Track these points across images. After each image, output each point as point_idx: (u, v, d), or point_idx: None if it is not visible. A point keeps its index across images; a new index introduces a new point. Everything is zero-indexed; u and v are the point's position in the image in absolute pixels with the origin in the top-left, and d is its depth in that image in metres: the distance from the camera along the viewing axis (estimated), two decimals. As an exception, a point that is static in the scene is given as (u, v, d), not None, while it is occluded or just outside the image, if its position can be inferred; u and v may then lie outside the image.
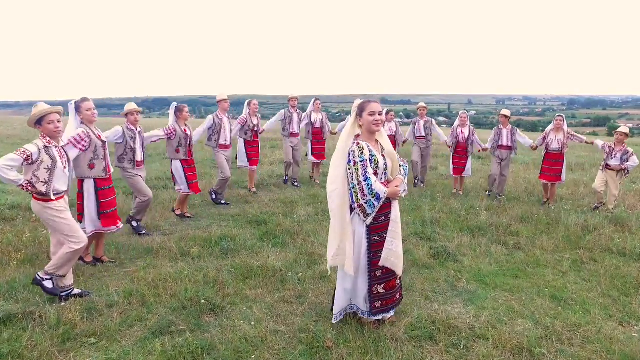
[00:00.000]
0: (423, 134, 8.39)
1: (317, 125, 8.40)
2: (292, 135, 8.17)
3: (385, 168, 3.04)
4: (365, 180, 2.90)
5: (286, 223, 5.67)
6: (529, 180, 8.86)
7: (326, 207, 6.43)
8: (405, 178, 3.13)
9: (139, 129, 5.22)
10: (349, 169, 2.96)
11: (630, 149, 6.45)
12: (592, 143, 7.10)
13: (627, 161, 6.36)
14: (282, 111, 8.26)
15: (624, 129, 6.59)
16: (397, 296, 3.23)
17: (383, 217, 3.04)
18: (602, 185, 6.56)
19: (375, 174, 2.99)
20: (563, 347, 3.01)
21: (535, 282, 4.13)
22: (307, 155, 8.70)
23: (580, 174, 9.68)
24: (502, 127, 7.50)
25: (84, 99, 4.19)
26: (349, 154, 2.96)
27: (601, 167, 6.66)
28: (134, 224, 5.34)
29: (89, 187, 4.24)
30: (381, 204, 2.95)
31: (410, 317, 3.32)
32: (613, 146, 6.53)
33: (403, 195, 3.13)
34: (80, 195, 4.28)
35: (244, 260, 4.44)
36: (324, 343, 2.97)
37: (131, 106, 5.16)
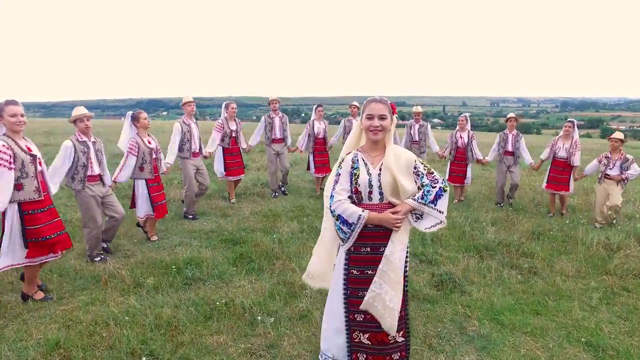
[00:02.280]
0: (417, 139, 7.69)
1: (321, 135, 7.44)
2: (275, 141, 7.29)
3: (379, 186, 2.29)
4: (330, 198, 2.32)
5: (265, 243, 4.90)
6: (535, 188, 8.16)
7: (312, 223, 5.71)
8: (426, 205, 2.25)
9: (93, 139, 4.33)
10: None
11: (630, 156, 5.75)
12: (583, 176, 6.38)
13: (628, 169, 5.65)
14: (263, 118, 7.39)
15: (618, 134, 5.87)
16: (395, 357, 2.45)
17: (368, 249, 2.31)
18: (605, 199, 5.80)
19: (357, 192, 2.29)
20: None
21: (561, 322, 3.39)
22: (308, 168, 7.80)
23: (589, 181, 8.99)
24: (507, 131, 6.83)
25: (8, 102, 3.33)
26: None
27: (599, 179, 5.93)
28: (97, 259, 4.43)
29: (13, 211, 3.37)
30: (356, 230, 2.24)
31: (411, 379, 2.58)
32: (609, 155, 5.84)
33: (423, 229, 2.30)
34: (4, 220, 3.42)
35: (208, 294, 3.67)
36: None
37: (80, 111, 4.24)
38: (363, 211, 2.23)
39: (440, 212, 2.28)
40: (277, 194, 7.50)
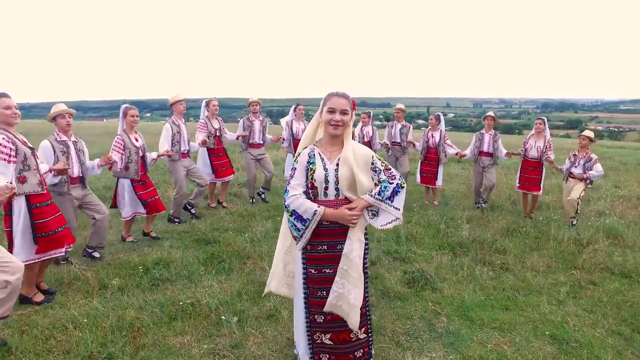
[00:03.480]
0: (398, 140, 7.34)
1: (300, 136, 6.96)
2: (253, 146, 6.74)
3: (335, 182, 2.25)
4: (285, 192, 2.26)
5: (237, 242, 4.81)
6: (512, 186, 8.23)
7: (287, 222, 5.65)
8: (383, 202, 2.23)
9: (73, 139, 4.12)
10: None
11: (594, 156, 5.74)
12: (559, 169, 6.21)
13: (590, 170, 5.65)
14: (241, 121, 6.85)
15: (588, 132, 5.90)
16: (358, 354, 2.41)
17: (325, 247, 2.26)
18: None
19: (313, 187, 2.23)
20: (575, 419, 2.28)
21: (529, 316, 3.40)
22: (284, 172, 7.45)
23: (561, 178, 9.15)
24: (484, 131, 6.71)
25: (0, 95, 3.19)
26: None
27: (564, 178, 5.99)
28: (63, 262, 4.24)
29: (20, 205, 3.28)
30: (311, 227, 2.19)
31: (375, 376, 2.54)
32: (577, 153, 5.89)
33: (379, 226, 2.26)
34: (8, 217, 3.31)
35: (174, 294, 3.57)
36: None
37: (60, 107, 4.00)
38: (319, 207, 2.18)
39: (396, 208, 2.25)
40: (254, 200, 7.05)
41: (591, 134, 5.89)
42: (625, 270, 4.24)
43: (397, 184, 2.27)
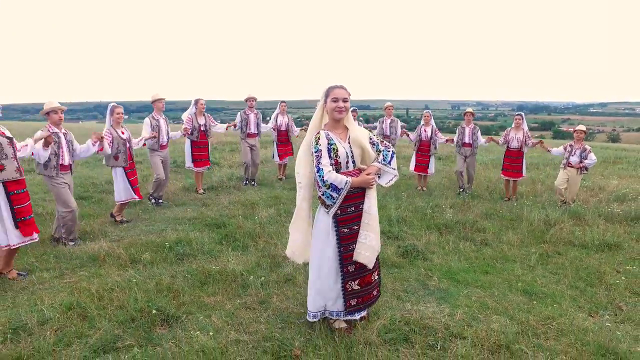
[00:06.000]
0: (388, 133, 8.31)
1: (283, 127, 8.42)
2: (249, 136, 7.93)
3: (352, 156, 2.83)
4: (317, 172, 2.76)
5: (247, 225, 5.33)
6: (490, 178, 9.01)
7: (288, 208, 6.19)
8: (387, 165, 2.87)
9: (63, 131, 4.67)
10: (313, 161, 2.81)
11: (588, 147, 6.61)
12: (549, 151, 7.07)
13: (586, 159, 6.54)
14: (239, 114, 8.00)
15: (581, 127, 6.80)
16: (375, 293, 3.03)
17: (353, 208, 2.83)
18: (564, 182, 6.67)
19: (337, 163, 2.79)
20: (539, 342, 2.91)
21: (505, 278, 4.05)
22: (272, 157, 8.56)
23: (536, 172, 9.97)
24: (465, 125, 7.63)
25: None
26: (312, 146, 2.82)
27: (562, 165, 6.82)
28: (72, 243, 4.70)
29: None
30: (343, 194, 2.74)
31: (382, 319, 3.12)
32: (573, 144, 6.72)
33: (385, 184, 2.91)
34: None
35: (201, 265, 4.07)
36: (292, 352, 2.69)
37: (54, 104, 4.56)
38: (348, 177, 2.75)
39: (394, 169, 2.91)
40: (247, 182, 8.15)
41: (584, 128, 6.78)
42: (584, 243, 4.95)
43: (392, 151, 2.95)
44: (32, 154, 4.24)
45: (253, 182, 8.18)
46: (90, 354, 2.70)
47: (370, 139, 2.93)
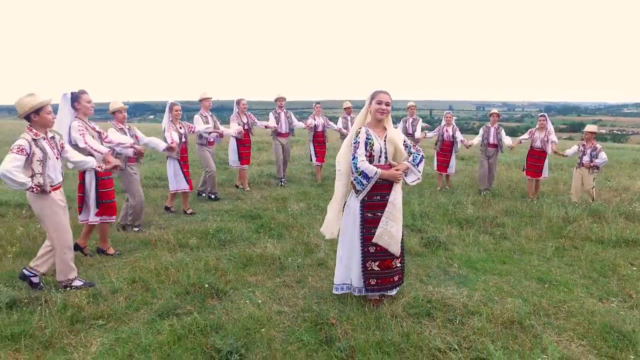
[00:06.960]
0: (411, 131, 8.65)
1: (319, 129, 8.56)
2: (280, 135, 8.23)
3: (385, 153, 3.23)
4: (352, 159, 3.19)
5: (280, 217, 5.79)
6: (512, 178, 9.20)
7: (318, 203, 6.62)
8: (415, 166, 3.28)
9: (127, 127, 5.04)
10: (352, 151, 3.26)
11: (599, 146, 6.78)
12: (564, 155, 7.15)
13: (596, 158, 6.68)
14: (270, 113, 8.31)
15: (590, 127, 6.97)
16: (396, 278, 3.40)
17: (378, 197, 3.23)
18: (579, 186, 6.85)
19: (371, 156, 3.20)
20: (550, 320, 3.22)
21: (521, 267, 4.35)
22: (310, 159, 8.89)
23: (560, 172, 10.09)
24: (490, 125, 7.83)
25: (83, 91, 4.18)
26: (352, 138, 3.28)
27: (577, 164, 7.00)
28: (136, 229, 5.21)
29: (90, 178, 4.25)
30: (372, 182, 3.16)
31: (407, 297, 3.49)
32: (585, 143, 6.89)
33: (410, 183, 3.31)
34: (82, 186, 4.29)
35: (242, 250, 4.54)
36: (328, 320, 3.10)
37: (118, 104, 4.94)
38: (378, 169, 3.16)
39: (419, 172, 3.31)
40: (282, 183, 8.37)
41: (593, 128, 6.94)
42: (601, 239, 5.17)
43: (422, 155, 3.34)
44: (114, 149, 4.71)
45: (283, 181, 8.47)
46: (156, 317, 3.17)
47: (405, 141, 3.35)
